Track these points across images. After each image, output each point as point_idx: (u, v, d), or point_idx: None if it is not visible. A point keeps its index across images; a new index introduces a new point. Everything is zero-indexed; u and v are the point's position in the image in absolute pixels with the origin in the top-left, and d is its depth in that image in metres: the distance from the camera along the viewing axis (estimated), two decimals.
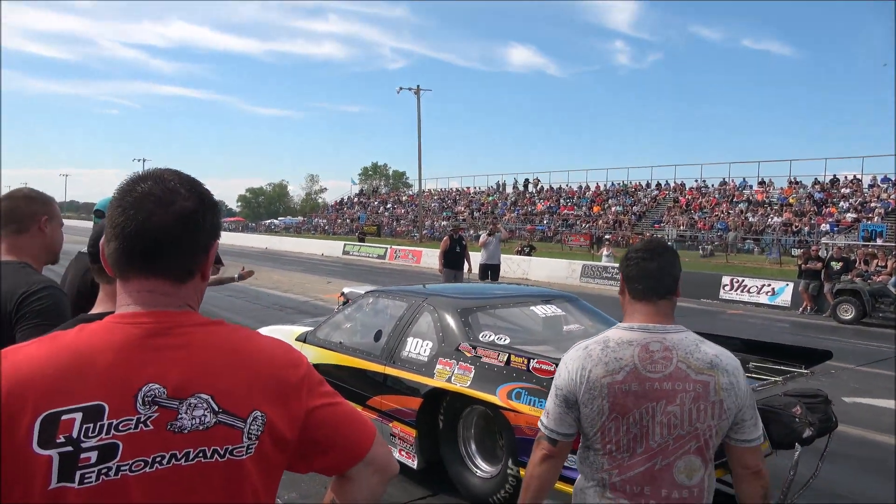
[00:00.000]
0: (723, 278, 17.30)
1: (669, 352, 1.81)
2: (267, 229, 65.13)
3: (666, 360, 1.80)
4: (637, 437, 1.77)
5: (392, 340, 4.49)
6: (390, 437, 4.31)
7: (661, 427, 1.76)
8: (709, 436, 1.79)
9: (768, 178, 37.85)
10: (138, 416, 0.98)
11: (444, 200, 56.20)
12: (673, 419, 1.76)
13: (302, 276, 20.42)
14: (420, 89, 41.75)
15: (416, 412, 4.09)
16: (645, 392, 1.78)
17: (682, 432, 1.77)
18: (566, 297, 5.09)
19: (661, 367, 1.79)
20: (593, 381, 1.80)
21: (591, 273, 20.59)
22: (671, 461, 1.77)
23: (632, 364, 1.80)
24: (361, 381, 4.58)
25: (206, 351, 1.06)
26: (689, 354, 1.81)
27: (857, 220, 29.34)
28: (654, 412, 1.76)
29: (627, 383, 1.78)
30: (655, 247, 1.97)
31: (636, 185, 44.24)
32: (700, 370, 1.79)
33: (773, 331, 12.14)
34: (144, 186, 1.06)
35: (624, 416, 1.77)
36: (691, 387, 1.77)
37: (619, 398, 1.78)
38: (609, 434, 1.81)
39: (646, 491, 1.77)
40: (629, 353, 1.81)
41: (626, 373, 1.79)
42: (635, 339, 1.84)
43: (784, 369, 3.95)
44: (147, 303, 1.06)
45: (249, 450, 1.05)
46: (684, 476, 1.79)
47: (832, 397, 6.83)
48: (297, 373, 1.13)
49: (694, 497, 1.80)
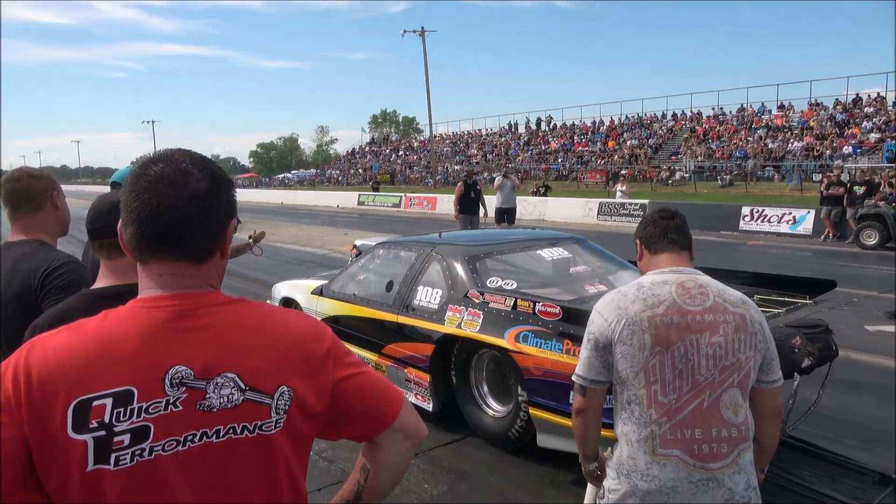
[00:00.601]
0: (742, 209, 17.05)
1: (705, 288, 1.87)
2: (281, 184, 65.20)
3: (703, 296, 1.84)
4: (683, 374, 1.77)
5: (403, 290, 4.61)
6: (405, 382, 4.47)
7: (706, 360, 1.77)
8: (749, 367, 1.82)
9: (788, 102, 36.80)
10: (167, 398, 1.01)
11: (456, 144, 55.61)
12: (718, 350, 1.78)
13: (319, 228, 20.53)
14: (424, 31, 40.70)
15: (430, 358, 4.24)
16: (688, 324, 1.79)
17: (726, 363, 1.79)
18: (574, 239, 5.13)
19: (699, 301, 1.83)
20: (632, 315, 1.81)
21: (608, 211, 20.41)
22: (718, 395, 1.77)
23: (671, 299, 1.83)
24: (376, 330, 4.74)
25: (230, 330, 1.07)
26: (722, 291, 1.88)
27: (881, 140, 28.54)
28: (698, 344, 1.78)
29: (669, 315, 1.80)
30: (668, 213, 2.09)
31: (651, 117, 43.31)
32: (735, 304, 1.86)
33: (794, 260, 12.03)
34: (156, 169, 1.06)
35: (668, 349, 1.77)
36: (731, 318, 1.81)
37: (661, 330, 1.78)
38: (654, 372, 1.78)
39: (697, 434, 1.76)
40: (666, 290, 1.85)
41: (667, 306, 1.81)
42: (670, 279, 1.89)
43: (788, 300, 4.00)
44: (169, 285, 1.08)
45: (279, 424, 1.08)
46: (731, 412, 1.79)
47: (854, 325, 6.85)
48: (323, 346, 1.15)
49: (742, 435, 1.81)
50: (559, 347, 3.48)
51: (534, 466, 3.81)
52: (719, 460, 1.75)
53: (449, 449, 4.10)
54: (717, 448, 1.75)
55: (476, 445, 4.12)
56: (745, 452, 1.80)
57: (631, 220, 19.29)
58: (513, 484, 3.66)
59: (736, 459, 1.78)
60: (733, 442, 1.78)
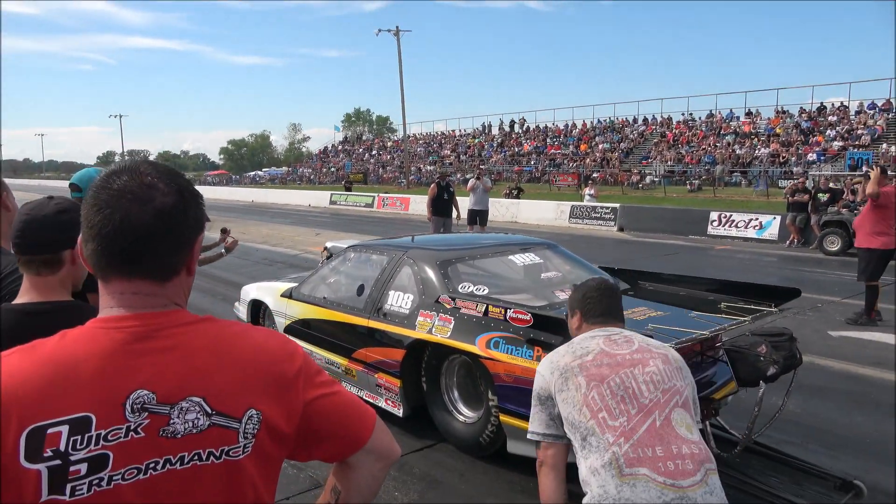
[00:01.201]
0: (711, 214, 17.32)
1: (630, 338, 2.07)
2: (252, 182, 64.43)
3: (628, 343, 2.04)
4: (626, 399, 1.86)
5: (375, 294, 4.58)
6: (376, 387, 4.45)
7: (646, 385, 1.89)
8: (687, 394, 1.94)
9: (755, 109, 37.62)
10: (128, 425, 0.96)
11: (429, 144, 55.57)
12: (655, 376, 1.92)
13: (291, 228, 20.30)
14: (399, 30, 40.63)
15: (400, 363, 4.22)
16: (618, 363, 1.94)
17: (666, 386, 1.90)
18: (545, 245, 5.16)
19: (625, 347, 2.01)
20: (564, 366, 1.97)
21: (579, 214, 20.56)
22: (667, 414, 1.84)
23: (598, 348, 2.01)
24: (346, 334, 4.69)
25: (195, 352, 1.03)
26: (646, 339, 2.09)
27: (843, 148, 29.32)
28: (633, 374, 1.91)
29: (598, 360, 1.96)
30: (609, 285, 2.30)
31: (623, 122, 43.84)
32: (658, 347, 2.08)
33: (760, 265, 12.26)
34: (120, 182, 1.01)
35: (603, 381, 1.90)
36: (657, 354, 2.00)
37: (593, 370, 1.93)
38: (595, 403, 1.86)
39: (658, 452, 1.78)
40: (594, 342, 2.04)
41: (595, 354, 1.98)
42: (597, 334, 2.10)
43: (754, 308, 4.05)
44: (131, 305, 1.03)
45: (246, 449, 1.04)
46: (684, 429, 1.85)
47: (818, 330, 6.99)
48: (293, 365, 1.11)
49: (703, 453, 1.84)
50: (529, 354, 3.48)
51: (504, 473, 3.79)
52: (688, 477, 1.76)
53: (419, 456, 4.07)
54: (681, 464, 1.78)
55: (447, 452, 4.10)
56: (712, 474, 1.82)
57: (602, 224, 19.48)
58: (483, 491, 3.64)
59: (705, 479, 1.79)
60: (696, 459, 1.80)
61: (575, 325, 2.25)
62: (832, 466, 3.87)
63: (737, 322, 3.77)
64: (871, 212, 7.18)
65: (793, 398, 4.99)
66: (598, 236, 17.82)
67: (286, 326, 5.34)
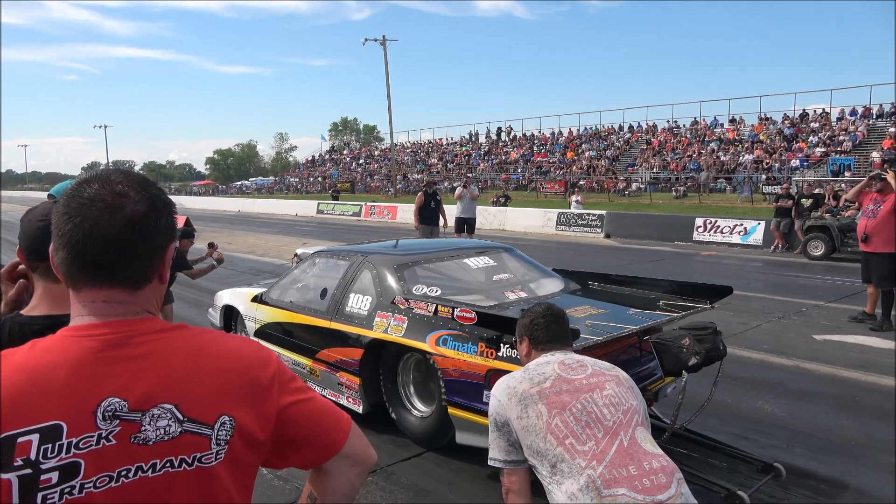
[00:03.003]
0: (696, 220, 17.46)
1: (582, 362, 2.11)
2: (238, 191, 64.15)
3: (582, 367, 2.07)
4: (590, 423, 1.88)
5: (337, 297, 4.79)
6: (338, 385, 4.66)
7: (607, 408, 1.93)
8: (642, 412, 1.99)
9: (739, 116, 38.00)
10: (99, 432, 0.96)
11: (416, 153, 55.62)
12: (613, 398, 1.95)
13: (277, 238, 20.20)
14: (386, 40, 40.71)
15: (359, 362, 4.42)
16: (576, 388, 1.96)
17: (625, 407, 1.94)
18: (502, 248, 5.41)
19: (580, 372, 2.04)
20: (522, 393, 1.98)
21: (566, 221, 20.63)
22: (632, 433, 1.89)
23: (555, 374, 2.02)
24: (311, 335, 4.90)
25: (167, 359, 1.03)
26: (596, 362, 2.12)
27: (826, 154, 29.67)
28: (593, 399, 1.94)
29: (556, 387, 1.97)
30: (556, 311, 2.32)
31: (609, 129, 44.12)
32: (609, 369, 2.11)
33: (745, 270, 12.35)
34: (91, 190, 1.01)
35: (564, 408, 1.91)
36: (610, 377, 2.05)
37: (553, 398, 1.94)
38: (560, 430, 1.88)
39: (632, 471, 1.80)
40: (550, 368, 2.05)
41: (553, 380, 2.00)
42: (551, 359, 2.12)
43: (689, 305, 4.34)
44: (102, 313, 1.02)
45: (219, 455, 1.03)
46: (650, 445, 1.90)
47: (803, 334, 7.04)
48: (267, 372, 1.11)
49: (670, 463, 1.88)
50: (474, 350, 3.70)
51: (494, 484, 3.76)
52: (664, 491, 1.79)
53: (408, 465, 4.05)
54: (655, 479, 1.80)
55: (435, 461, 4.08)
56: (682, 483, 1.86)
57: (589, 231, 19.57)
58: (472, 500, 3.62)
59: (679, 489, 1.82)
60: (667, 471, 1.84)
61: (524, 352, 2.29)
62: (819, 469, 3.91)
63: (669, 318, 4.06)
64: (892, 216, 7.07)
65: (778, 402, 5.05)
66: (584, 243, 17.89)
67: (256, 330, 5.47)
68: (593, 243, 17.90)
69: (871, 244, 7.25)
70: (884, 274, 7.19)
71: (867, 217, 7.31)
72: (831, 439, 4.38)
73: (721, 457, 3.88)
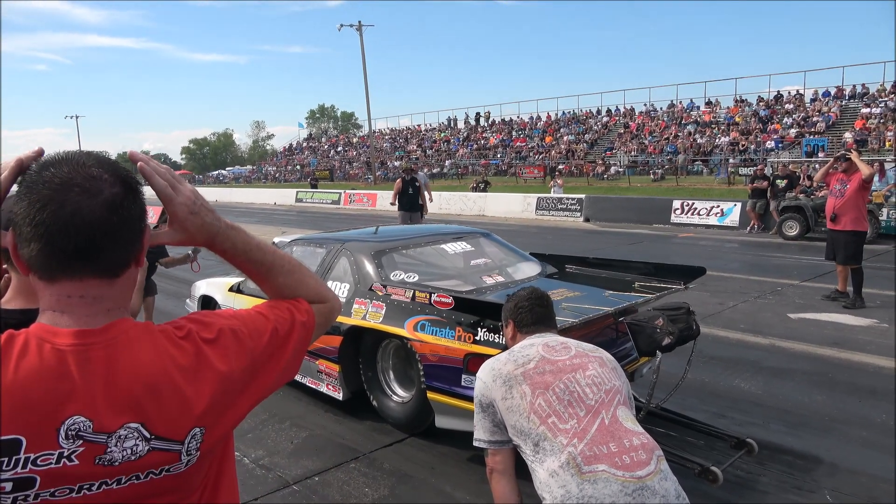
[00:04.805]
0: (674, 202, 17.61)
1: (566, 343, 2.14)
2: (215, 181, 63.36)
3: (566, 349, 2.10)
4: (572, 403, 1.91)
5: None
6: (318, 373, 4.67)
7: (589, 387, 1.95)
8: (626, 392, 2.02)
9: (715, 98, 38.32)
10: (61, 451, 0.90)
11: (395, 140, 55.33)
12: (596, 378, 1.98)
13: (256, 227, 19.99)
14: (362, 25, 40.29)
15: (338, 349, 4.42)
16: (559, 369, 1.99)
17: (608, 387, 1.97)
18: (479, 233, 5.43)
19: (564, 354, 2.07)
20: (506, 374, 2.00)
21: (546, 206, 20.69)
22: (613, 412, 1.91)
23: (539, 355, 2.05)
24: None
25: (135, 373, 0.97)
26: (580, 344, 2.15)
27: (800, 135, 30.06)
28: (576, 379, 1.97)
29: (540, 367, 2.00)
30: (539, 294, 2.34)
31: (587, 113, 44.24)
32: (593, 350, 2.14)
33: (722, 251, 12.51)
34: (61, 174, 0.93)
35: (548, 388, 1.94)
36: (594, 358, 2.08)
37: (536, 378, 1.97)
38: (543, 409, 1.90)
39: (612, 448, 1.83)
40: (534, 350, 2.09)
41: (536, 361, 2.03)
42: (535, 342, 2.15)
43: (664, 286, 4.42)
44: (77, 312, 0.97)
45: (190, 462, 1.01)
46: (630, 423, 1.92)
47: (778, 313, 7.16)
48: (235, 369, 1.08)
49: (651, 441, 1.91)
50: (451, 335, 3.74)
51: (475, 467, 3.80)
52: (644, 467, 1.81)
53: (390, 451, 4.06)
54: (635, 456, 1.83)
55: (418, 447, 4.09)
56: (661, 460, 1.88)
57: (568, 215, 19.65)
58: (454, 484, 3.64)
59: (658, 465, 1.84)
60: (647, 448, 1.86)
61: (510, 335, 2.31)
62: (794, 445, 3.99)
63: (644, 299, 4.12)
64: (859, 194, 7.23)
65: (754, 380, 5.14)
66: (564, 227, 17.97)
67: None
68: (573, 227, 17.99)
69: (839, 223, 7.39)
70: (850, 252, 7.36)
71: (835, 196, 7.44)
72: (805, 415, 4.47)
73: (699, 435, 3.95)
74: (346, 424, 4.49)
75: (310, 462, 3.96)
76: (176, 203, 1.06)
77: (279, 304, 1.21)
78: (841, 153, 7.73)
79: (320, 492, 3.61)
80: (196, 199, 1.09)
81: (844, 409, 4.56)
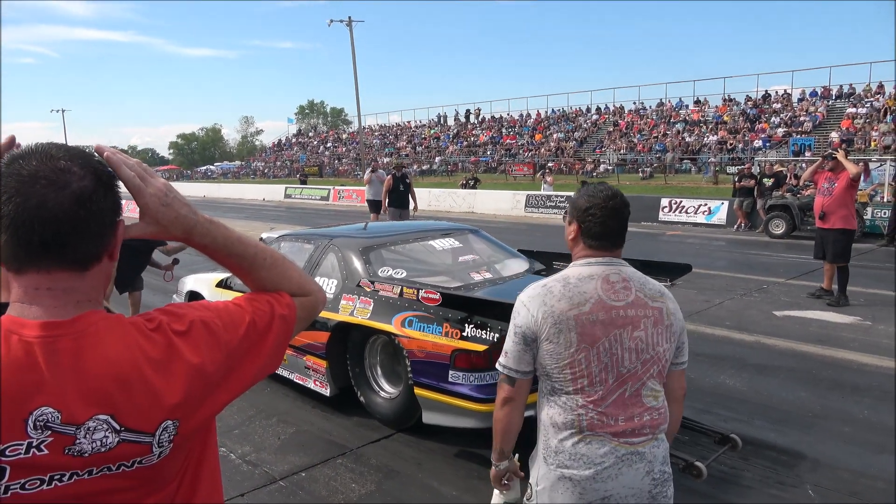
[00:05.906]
0: (662, 200, 17.71)
1: (627, 282, 1.90)
2: (203, 176, 62.95)
3: (626, 290, 1.88)
4: (608, 367, 1.82)
5: None
6: (305, 369, 4.66)
7: (629, 353, 1.83)
8: (665, 359, 1.89)
9: (703, 97, 38.53)
10: (29, 441, 0.90)
11: (385, 136, 55.22)
12: (640, 343, 1.84)
13: (245, 223, 19.89)
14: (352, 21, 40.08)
15: (326, 345, 4.43)
16: (612, 320, 1.83)
17: (647, 356, 1.85)
18: (467, 230, 5.44)
19: (622, 297, 1.87)
20: (559, 314, 1.83)
21: (535, 203, 20.75)
22: (639, 387, 1.84)
23: (596, 296, 1.85)
24: None
25: (104, 365, 0.96)
26: (642, 285, 1.92)
27: (787, 134, 30.30)
28: (621, 339, 1.82)
29: (594, 313, 1.83)
30: (617, 205, 1.94)
31: (576, 111, 44.35)
32: (654, 297, 1.91)
33: (709, 249, 12.59)
34: (30, 167, 0.93)
35: (593, 345, 1.81)
36: (651, 312, 1.88)
37: (587, 328, 1.81)
38: (580, 367, 1.82)
39: (620, 420, 1.82)
40: (591, 286, 1.86)
41: (592, 304, 1.84)
42: (595, 272, 1.89)
43: None
44: (46, 303, 0.96)
45: (163, 454, 1.00)
46: (651, 398, 1.87)
47: (764, 311, 7.22)
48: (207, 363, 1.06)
49: (662, 417, 1.89)
50: (439, 331, 3.75)
51: (462, 462, 3.82)
52: (641, 437, 1.83)
53: (377, 447, 4.06)
54: (638, 430, 1.83)
55: (405, 442, 4.09)
56: (662, 433, 1.90)
57: (557, 213, 19.69)
58: (441, 480, 3.65)
59: (655, 436, 1.87)
60: (654, 424, 1.86)
61: (571, 236, 2.01)
62: (777, 440, 4.03)
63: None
64: (847, 193, 7.30)
65: (739, 377, 5.18)
66: (553, 225, 18.00)
67: None
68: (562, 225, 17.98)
69: (828, 221, 7.44)
70: (839, 250, 7.40)
71: (823, 195, 7.49)
72: (789, 411, 4.51)
73: (684, 430, 3.98)
74: (333, 420, 4.48)
75: (296, 458, 3.95)
76: (146, 194, 1.05)
77: (259, 296, 1.19)
78: (828, 152, 7.81)
79: (307, 487, 3.61)
80: (168, 191, 1.08)
81: (827, 405, 4.61)
